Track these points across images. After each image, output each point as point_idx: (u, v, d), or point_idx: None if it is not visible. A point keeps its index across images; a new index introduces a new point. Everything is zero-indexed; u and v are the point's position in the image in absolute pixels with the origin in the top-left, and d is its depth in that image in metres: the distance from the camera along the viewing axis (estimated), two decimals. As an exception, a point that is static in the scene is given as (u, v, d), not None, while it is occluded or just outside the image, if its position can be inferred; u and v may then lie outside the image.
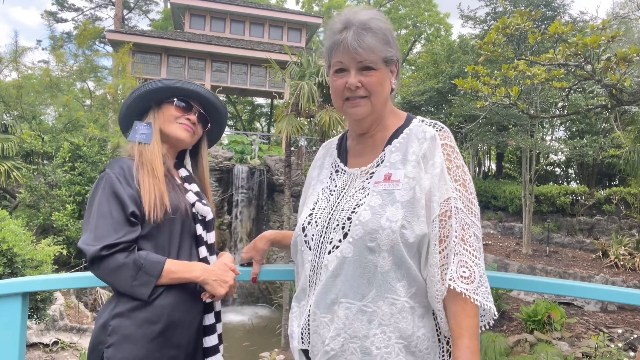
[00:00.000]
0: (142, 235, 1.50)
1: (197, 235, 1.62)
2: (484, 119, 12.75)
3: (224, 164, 15.35)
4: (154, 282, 1.44)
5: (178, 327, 1.50)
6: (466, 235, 1.28)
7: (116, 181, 1.51)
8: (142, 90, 1.68)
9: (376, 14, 1.37)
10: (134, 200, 1.50)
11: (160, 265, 1.45)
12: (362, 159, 1.45)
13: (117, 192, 1.49)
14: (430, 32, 29.74)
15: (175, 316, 1.50)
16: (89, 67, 15.72)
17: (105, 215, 1.46)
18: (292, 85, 10.96)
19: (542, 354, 7.61)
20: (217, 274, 1.53)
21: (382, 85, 1.37)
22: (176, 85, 1.68)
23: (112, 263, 1.41)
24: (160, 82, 1.69)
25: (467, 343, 1.22)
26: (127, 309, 1.46)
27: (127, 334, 1.44)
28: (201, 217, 1.63)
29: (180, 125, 1.68)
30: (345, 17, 1.36)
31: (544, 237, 13.71)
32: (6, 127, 13.06)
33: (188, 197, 1.64)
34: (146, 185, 1.52)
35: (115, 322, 1.45)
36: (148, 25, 31.80)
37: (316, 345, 1.34)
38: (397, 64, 1.41)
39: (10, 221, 5.38)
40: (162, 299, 1.48)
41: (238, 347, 11.12)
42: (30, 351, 6.57)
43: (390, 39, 1.37)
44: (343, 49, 1.34)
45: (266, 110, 29.81)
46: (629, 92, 5.56)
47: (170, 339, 1.49)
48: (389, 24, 1.39)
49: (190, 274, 1.50)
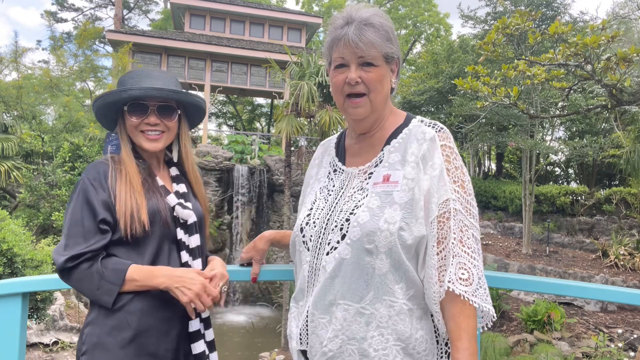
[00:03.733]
0: (119, 240, 1.48)
1: (178, 240, 1.57)
2: (484, 119, 12.75)
3: (224, 164, 15.34)
4: (116, 290, 1.42)
5: (152, 334, 1.47)
6: (464, 237, 1.28)
7: (90, 187, 1.48)
8: (95, 110, 1.63)
9: (378, 11, 1.37)
10: (107, 207, 1.47)
11: (122, 274, 1.42)
12: (360, 159, 1.44)
13: (90, 199, 1.47)
14: (430, 32, 29.71)
15: (148, 323, 1.46)
16: (89, 67, 15.73)
17: (77, 223, 1.45)
18: (292, 85, 10.96)
19: (542, 354, 7.61)
20: (182, 280, 1.45)
21: (381, 83, 1.36)
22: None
23: (77, 274, 1.42)
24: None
25: (465, 345, 1.22)
26: (96, 317, 1.46)
27: (98, 342, 1.43)
28: (182, 220, 1.58)
29: (143, 135, 1.59)
30: (347, 13, 1.36)
31: (544, 237, 13.70)
32: (6, 127, 13.06)
33: (168, 200, 1.58)
34: (122, 197, 1.48)
35: (88, 329, 1.46)
36: (148, 25, 31.79)
37: (314, 346, 1.34)
38: (398, 63, 1.41)
39: (10, 221, 5.37)
40: (131, 305, 1.45)
41: (238, 347, 11.12)
42: (30, 351, 6.56)
43: (392, 36, 1.37)
44: (344, 43, 1.33)
45: (266, 110, 29.79)
46: (629, 92, 5.56)
47: (144, 346, 1.45)
48: (390, 22, 1.38)
49: (153, 281, 1.45)
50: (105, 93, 1.59)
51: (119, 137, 1.62)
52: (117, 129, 1.65)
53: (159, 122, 1.59)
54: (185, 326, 1.54)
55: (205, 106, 1.73)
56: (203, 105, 1.70)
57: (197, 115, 1.74)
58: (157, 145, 1.60)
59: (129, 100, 1.56)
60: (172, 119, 1.62)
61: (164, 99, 1.59)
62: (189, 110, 1.70)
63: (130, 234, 1.46)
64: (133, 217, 1.46)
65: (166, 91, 1.57)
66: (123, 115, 1.61)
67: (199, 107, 1.69)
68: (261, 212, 15.89)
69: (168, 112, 1.60)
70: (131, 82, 1.59)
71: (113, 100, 1.57)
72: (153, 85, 1.58)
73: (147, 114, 1.57)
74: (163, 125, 1.60)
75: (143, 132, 1.59)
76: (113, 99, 1.57)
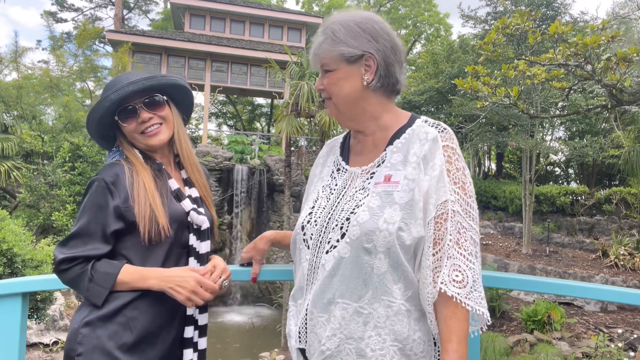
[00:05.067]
0: (130, 245, 1.48)
1: (189, 246, 1.56)
2: (484, 119, 12.75)
3: (224, 164, 15.35)
4: (105, 293, 1.42)
5: (152, 339, 1.46)
6: (462, 239, 1.27)
7: (106, 191, 1.47)
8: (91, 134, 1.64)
9: (339, 15, 1.38)
10: (119, 214, 1.46)
11: (112, 277, 1.42)
12: (363, 158, 1.44)
13: (103, 205, 1.46)
14: (430, 32, 29.73)
15: (150, 328, 1.46)
16: (88, 67, 15.74)
17: (83, 225, 1.46)
18: (292, 85, 10.96)
19: (542, 354, 7.62)
20: (173, 279, 1.45)
21: (337, 85, 1.37)
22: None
23: (69, 274, 1.45)
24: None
25: (455, 347, 1.21)
26: (97, 318, 1.43)
27: (97, 345, 1.41)
28: (196, 226, 1.57)
29: (143, 135, 1.58)
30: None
31: (544, 237, 13.70)
32: (6, 127, 13.06)
33: (184, 205, 1.57)
34: (142, 202, 1.47)
35: (85, 330, 1.43)
36: (148, 25, 31.79)
37: (313, 345, 1.34)
38: (374, 57, 1.35)
39: (10, 221, 5.37)
40: (133, 309, 1.45)
41: (238, 347, 11.12)
42: (30, 351, 6.57)
43: (342, 36, 1.34)
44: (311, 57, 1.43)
45: (266, 110, 29.79)
46: (629, 92, 5.56)
47: (144, 352, 1.45)
48: (358, 18, 1.35)
49: (144, 284, 1.45)
50: (90, 112, 1.57)
51: (121, 148, 1.61)
52: (117, 144, 1.64)
53: (151, 115, 1.57)
54: (181, 332, 1.54)
55: (186, 84, 1.69)
56: (183, 82, 1.66)
57: (185, 98, 1.70)
58: (161, 138, 1.59)
59: (115, 107, 1.54)
60: (162, 108, 1.60)
61: (146, 93, 1.56)
62: (175, 97, 1.67)
63: (148, 239, 1.46)
64: (152, 222, 1.46)
65: (141, 81, 1.54)
66: (118, 127, 1.60)
67: (180, 86, 1.65)
68: (261, 212, 15.90)
69: (155, 104, 1.58)
70: (107, 92, 1.56)
71: (100, 115, 1.55)
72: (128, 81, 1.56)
73: (137, 113, 1.56)
74: (157, 117, 1.58)
75: (143, 133, 1.58)
76: (100, 113, 1.55)
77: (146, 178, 1.52)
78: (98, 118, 1.56)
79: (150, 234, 1.45)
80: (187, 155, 1.67)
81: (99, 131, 1.61)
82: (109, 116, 1.57)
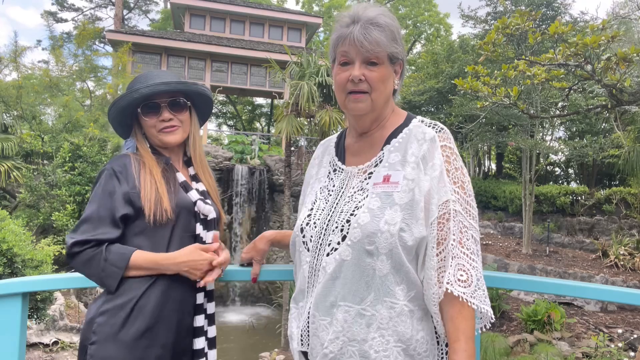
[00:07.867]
0: (139, 231, 1.53)
1: (196, 235, 1.61)
2: (484, 119, 12.74)
3: (224, 164, 15.35)
4: (120, 273, 1.47)
5: (164, 326, 1.50)
6: (464, 238, 1.28)
7: (114, 178, 1.54)
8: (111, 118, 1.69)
9: (385, 11, 1.38)
10: (128, 199, 1.52)
11: (126, 258, 1.47)
12: (360, 158, 1.44)
13: (112, 191, 1.52)
14: (430, 32, 29.71)
15: (161, 315, 1.50)
16: (88, 67, 15.74)
17: (94, 211, 1.51)
18: (292, 85, 10.95)
19: (542, 354, 7.61)
20: (186, 264, 1.52)
21: (384, 83, 1.36)
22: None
23: (83, 257, 1.47)
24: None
25: (463, 346, 1.22)
26: (112, 307, 1.48)
27: (111, 333, 1.45)
28: (203, 216, 1.63)
29: (160, 132, 1.66)
30: (354, 12, 1.37)
31: (544, 237, 13.70)
32: (6, 127, 13.05)
33: (190, 195, 1.63)
34: (147, 186, 1.54)
35: (101, 319, 1.47)
36: (148, 25, 31.78)
37: (315, 348, 1.34)
38: (402, 65, 1.41)
39: (10, 221, 5.37)
40: (146, 298, 1.49)
41: (238, 347, 11.12)
42: (30, 351, 6.56)
43: (397, 37, 1.37)
44: (349, 42, 1.34)
45: (266, 110, 29.79)
46: (629, 92, 5.56)
47: (156, 338, 1.48)
48: (396, 22, 1.39)
49: (160, 270, 1.51)
50: (117, 99, 1.65)
51: (135, 139, 1.69)
52: (132, 134, 1.71)
53: (172, 117, 1.65)
54: (191, 321, 1.59)
55: (211, 95, 1.79)
56: (208, 93, 1.76)
57: (206, 106, 1.80)
58: (175, 137, 1.67)
59: (141, 100, 1.62)
60: (184, 112, 1.69)
61: (173, 94, 1.66)
62: (196, 103, 1.76)
63: (153, 220, 1.51)
64: (157, 205, 1.52)
65: (173, 84, 1.64)
66: (137, 118, 1.68)
67: (206, 96, 1.75)
68: (261, 212, 15.89)
69: (179, 106, 1.67)
70: (139, 85, 1.64)
71: (126, 103, 1.63)
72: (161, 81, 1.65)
73: (160, 111, 1.64)
74: (176, 119, 1.67)
75: (160, 130, 1.65)
76: (126, 102, 1.63)
77: (153, 167, 1.60)
78: (123, 105, 1.64)
79: (155, 216, 1.51)
80: (199, 157, 1.76)
81: (119, 118, 1.69)
82: (133, 107, 1.65)
